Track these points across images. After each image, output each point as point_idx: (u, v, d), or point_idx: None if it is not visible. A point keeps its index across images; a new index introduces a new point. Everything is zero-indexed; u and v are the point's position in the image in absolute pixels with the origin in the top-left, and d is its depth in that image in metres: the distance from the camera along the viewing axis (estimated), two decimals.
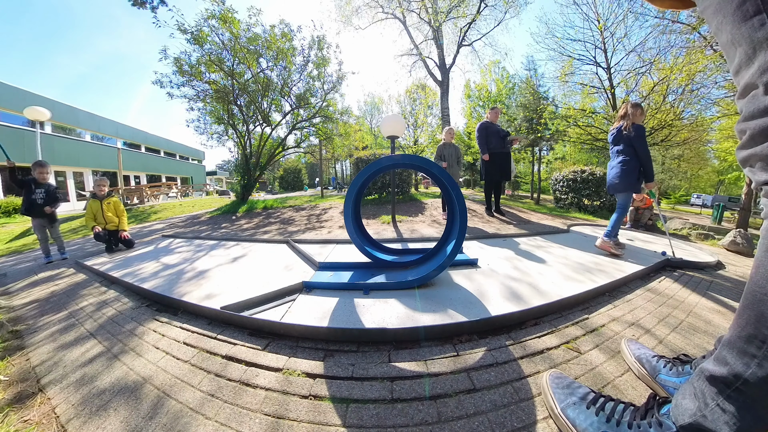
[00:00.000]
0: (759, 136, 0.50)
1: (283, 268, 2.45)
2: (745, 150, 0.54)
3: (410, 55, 13.91)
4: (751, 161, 0.54)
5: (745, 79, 0.50)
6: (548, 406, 0.92)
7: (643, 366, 1.04)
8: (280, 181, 24.56)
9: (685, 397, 0.65)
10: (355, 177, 2.08)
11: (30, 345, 1.54)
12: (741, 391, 0.55)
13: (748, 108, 0.52)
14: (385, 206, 5.82)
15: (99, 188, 3.94)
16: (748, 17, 0.47)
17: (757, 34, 0.46)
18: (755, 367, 0.52)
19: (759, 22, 0.46)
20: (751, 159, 0.53)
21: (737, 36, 0.49)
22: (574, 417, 0.81)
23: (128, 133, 21.95)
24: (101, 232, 3.74)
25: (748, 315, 0.55)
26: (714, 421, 0.57)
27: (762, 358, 0.51)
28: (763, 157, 0.51)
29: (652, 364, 1.00)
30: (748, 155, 0.54)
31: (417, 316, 1.52)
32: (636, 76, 10.09)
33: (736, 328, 0.58)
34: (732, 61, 0.53)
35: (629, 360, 1.12)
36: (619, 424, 0.73)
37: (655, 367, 0.98)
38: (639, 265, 2.32)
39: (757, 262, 0.54)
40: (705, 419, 0.58)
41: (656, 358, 1.02)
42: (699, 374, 0.64)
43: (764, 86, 0.47)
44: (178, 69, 7.28)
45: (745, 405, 0.55)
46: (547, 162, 12.56)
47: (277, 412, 0.96)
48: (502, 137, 4.62)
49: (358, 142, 14.33)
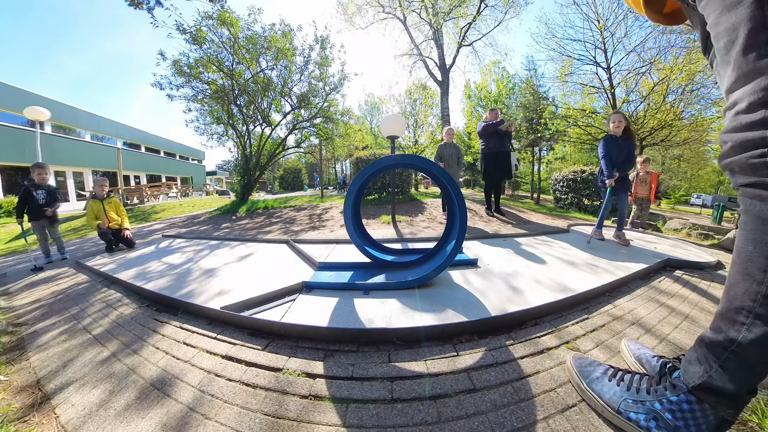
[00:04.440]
0: (738, 147, 0.61)
1: (283, 268, 2.45)
2: (726, 158, 0.65)
3: (410, 55, 13.91)
4: (731, 167, 0.65)
5: (734, 96, 0.60)
6: (574, 383, 1.02)
7: (642, 366, 1.08)
8: (280, 181, 24.56)
9: (692, 363, 0.76)
10: (355, 177, 2.08)
11: (30, 345, 1.54)
12: (736, 353, 0.66)
13: (731, 122, 0.62)
14: (385, 206, 5.82)
15: (100, 188, 3.94)
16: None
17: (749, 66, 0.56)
18: (745, 332, 0.64)
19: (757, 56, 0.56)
20: (730, 165, 0.65)
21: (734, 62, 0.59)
22: (599, 389, 0.92)
23: (128, 133, 21.94)
24: (106, 228, 3.75)
25: (734, 291, 0.66)
26: (719, 379, 0.68)
27: (750, 324, 0.63)
28: (740, 165, 0.62)
29: (651, 365, 1.04)
30: (729, 162, 0.65)
31: (417, 316, 1.51)
32: (636, 76, 10.08)
33: (725, 302, 0.69)
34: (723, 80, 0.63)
35: (629, 360, 1.14)
36: (638, 391, 0.84)
37: (655, 367, 1.02)
38: (639, 265, 2.32)
39: (737, 250, 0.67)
40: (712, 378, 0.70)
41: (656, 358, 1.05)
42: (700, 342, 0.76)
43: (747, 105, 0.57)
44: (177, 70, 7.27)
45: (742, 363, 0.66)
46: (547, 162, 12.57)
47: (277, 412, 0.96)
48: (501, 137, 4.63)
49: (359, 142, 14.32)
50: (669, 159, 23.10)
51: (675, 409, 0.75)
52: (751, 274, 0.62)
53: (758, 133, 0.56)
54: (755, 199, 0.61)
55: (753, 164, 0.59)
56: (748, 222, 0.63)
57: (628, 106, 10.42)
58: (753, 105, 0.56)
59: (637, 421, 0.80)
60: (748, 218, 0.63)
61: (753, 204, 0.61)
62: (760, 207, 0.60)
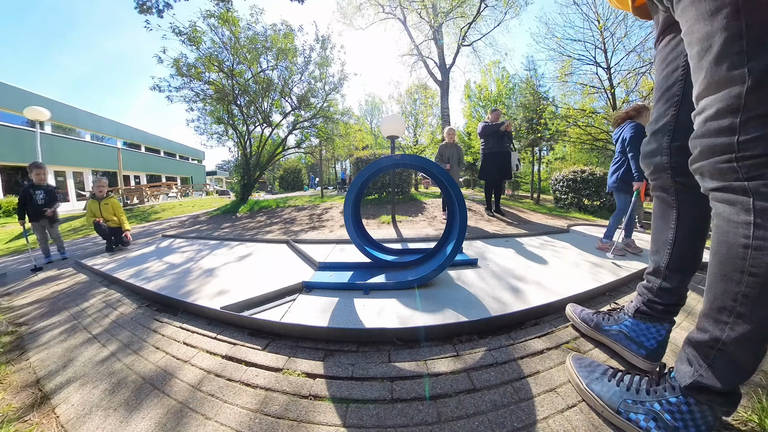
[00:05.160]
0: (707, 152, 0.63)
1: (283, 268, 2.45)
2: (696, 163, 0.68)
3: (411, 55, 13.91)
4: (701, 171, 0.67)
5: (704, 102, 0.62)
6: (574, 383, 1.01)
7: (588, 324, 1.26)
8: (280, 181, 24.52)
9: (683, 363, 0.78)
10: (355, 177, 2.08)
11: (30, 345, 1.54)
12: (722, 351, 0.68)
13: (700, 128, 0.64)
14: (385, 206, 5.82)
15: (98, 189, 3.94)
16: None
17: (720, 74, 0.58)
18: (729, 330, 0.66)
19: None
20: (700, 169, 0.67)
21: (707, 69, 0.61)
22: (599, 390, 0.92)
23: (128, 133, 21.94)
24: (103, 224, 3.76)
25: (714, 292, 0.69)
26: (708, 378, 0.70)
27: (732, 323, 0.65)
28: (709, 169, 0.64)
29: (594, 321, 1.24)
30: (698, 167, 0.67)
31: (417, 316, 1.52)
32: (636, 76, 10.09)
33: (707, 303, 0.72)
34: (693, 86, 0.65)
35: (577, 322, 1.33)
36: (638, 392, 0.85)
37: (598, 322, 1.21)
38: (639, 264, 2.32)
39: (712, 252, 0.69)
40: (702, 377, 0.72)
41: (596, 314, 1.26)
42: (687, 343, 0.78)
43: (715, 112, 0.59)
44: (177, 70, 7.25)
45: (728, 361, 0.68)
46: (547, 162, 12.58)
47: (277, 412, 0.96)
48: (501, 137, 4.64)
49: (359, 141, 14.33)
50: None
51: (674, 410, 0.77)
52: (728, 275, 0.64)
53: (725, 139, 0.58)
54: (724, 203, 0.63)
55: (720, 169, 0.61)
56: (720, 225, 0.65)
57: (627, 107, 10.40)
58: (721, 112, 0.58)
59: (636, 422, 0.81)
60: (720, 221, 0.65)
61: (723, 207, 0.64)
62: (729, 210, 0.62)
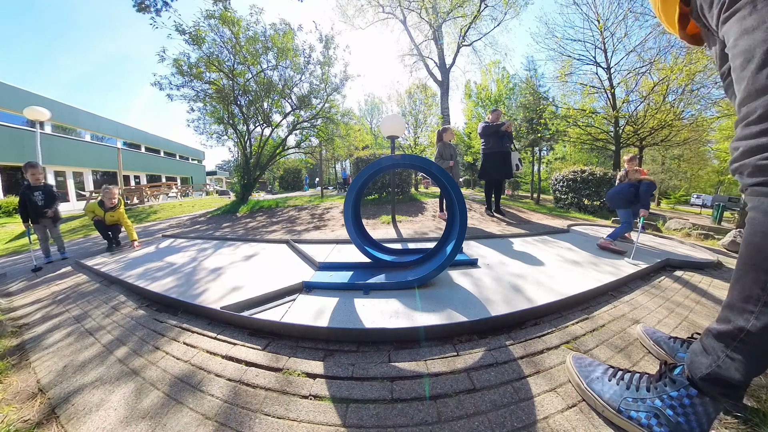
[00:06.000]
0: (748, 152, 0.67)
1: (283, 268, 2.45)
2: (737, 162, 0.71)
3: (411, 55, 13.91)
4: (741, 170, 0.70)
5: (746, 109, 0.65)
6: (574, 383, 1.02)
7: (661, 348, 1.19)
8: (280, 181, 24.50)
9: (698, 355, 0.79)
10: (354, 177, 2.08)
11: (30, 346, 1.54)
12: (745, 342, 0.68)
13: (742, 131, 0.68)
14: (385, 206, 5.81)
15: (109, 200, 3.83)
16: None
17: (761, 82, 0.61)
18: (754, 320, 0.66)
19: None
20: (741, 168, 0.70)
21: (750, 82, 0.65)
22: (599, 389, 0.93)
23: (128, 133, 21.92)
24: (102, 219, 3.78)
25: (742, 282, 0.69)
26: (727, 369, 0.71)
27: (759, 312, 0.65)
28: (749, 167, 0.67)
29: (669, 345, 1.16)
30: (739, 166, 0.70)
31: (417, 316, 1.52)
32: (636, 76, 10.09)
33: (734, 292, 0.72)
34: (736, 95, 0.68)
35: (647, 344, 1.24)
36: (638, 390, 0.86)
37: (673, 347, 1.15)
38: (639, 264, 2.32)
39: (745, 243, 0.70)
40: (720, 369, 0.72)
41: (672, 339, 1.17)
42: (707, 334, 0.78)
43: (758, 116, 0.63)
44: (178, 70, 7.27)
45: (749, 352, 0.69)
46: (547, 162, 12.59)
47: (277, 413, 0.96)
48: (500, 137, 4.64)
49: (358, 141, 14.32)
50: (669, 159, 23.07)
51: (676, 405, 0.77)
52: (759, 264, 0.66)
53: (767, 139, 0.63)
54: (762, 195, 0.66)
55: (761, 165, 0.64)
56: (756, 217, 0.67)
57: (628, 106, 10.43)
58: (763, 116, 0.62)
59: (637, 420, 0.81)
60: (756, 214, 0.67)
61: (760, 201, 0.66)
62: (767, 202, 0.65)
